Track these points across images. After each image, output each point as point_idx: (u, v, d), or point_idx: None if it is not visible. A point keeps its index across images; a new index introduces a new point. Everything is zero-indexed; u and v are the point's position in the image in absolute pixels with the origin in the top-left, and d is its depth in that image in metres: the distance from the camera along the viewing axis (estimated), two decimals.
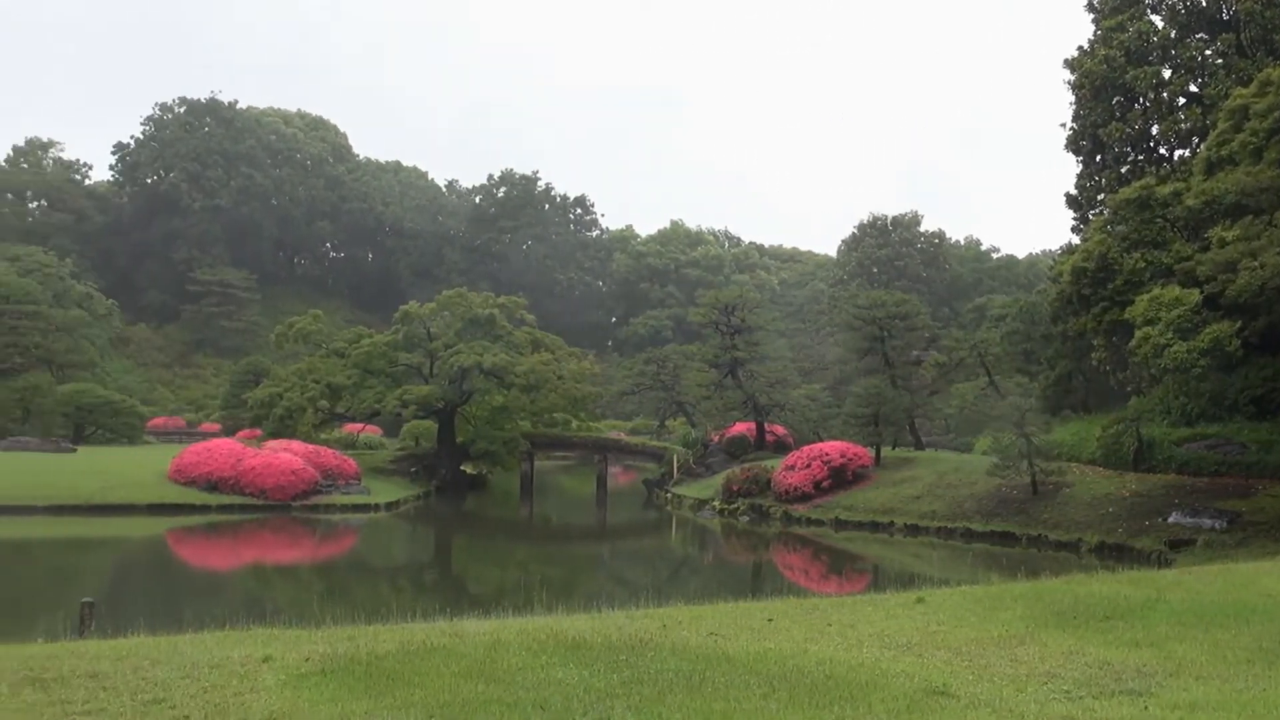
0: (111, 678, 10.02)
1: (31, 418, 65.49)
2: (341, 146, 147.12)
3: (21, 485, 43.44)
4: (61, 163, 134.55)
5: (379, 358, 59.42)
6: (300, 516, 44.35)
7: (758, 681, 9.74)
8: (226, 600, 25.37)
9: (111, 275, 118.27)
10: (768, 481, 47.02)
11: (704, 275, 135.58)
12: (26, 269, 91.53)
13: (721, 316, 61.35)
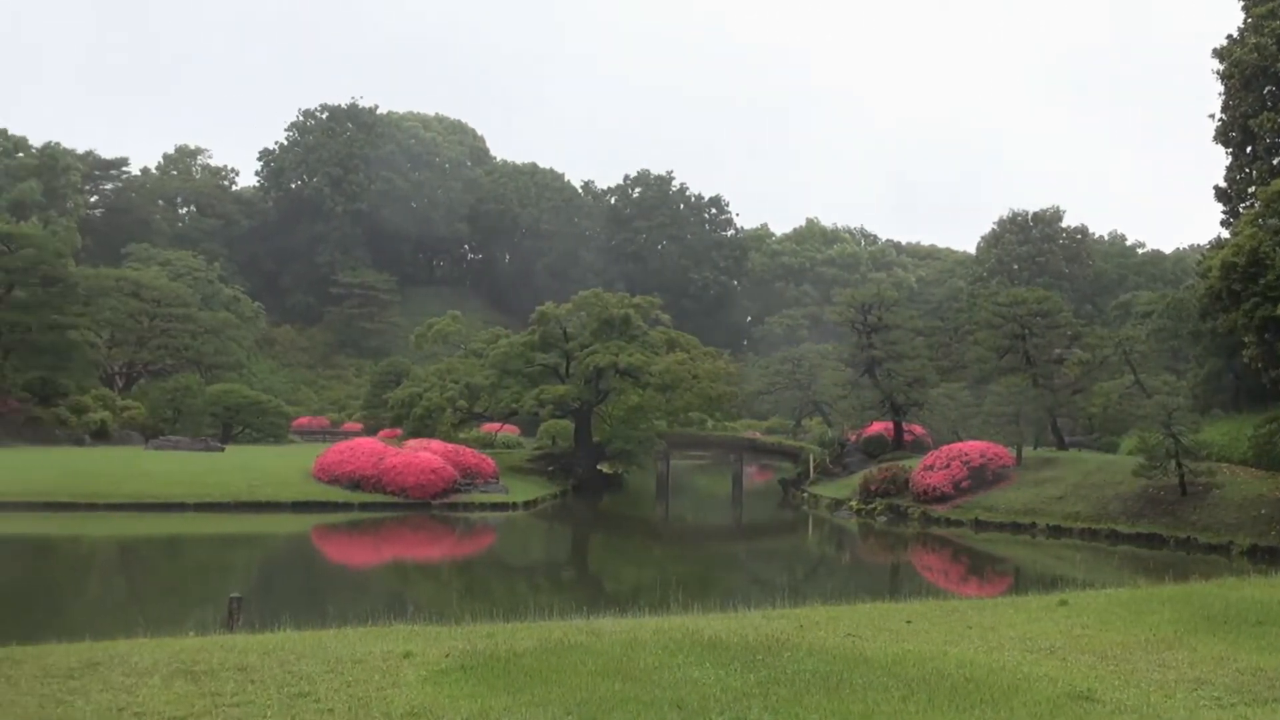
0: (259, 671, 10.24)
1: (182, 417, 67.26)
2: (479, 149, 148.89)
3: (173, 483, 44.65)
4: (210, 169, 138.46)
5: (516, 358, 59.96)
6: (440, 515, 44.93)
7: (896, 684, 9.61)
8: (369, 597, 25.81)
9: (257, 278, 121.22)
10: (906, 481, 46.49)
11: (840, 273, 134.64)
12: (177, 273, 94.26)
13: (858, 315, 60.78)
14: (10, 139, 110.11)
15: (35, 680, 9.84)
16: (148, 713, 8.57)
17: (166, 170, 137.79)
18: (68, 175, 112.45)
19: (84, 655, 11.41)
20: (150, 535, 39.72)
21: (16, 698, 9.08)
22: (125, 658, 11.11)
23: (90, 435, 63.11)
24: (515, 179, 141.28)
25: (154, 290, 78.18)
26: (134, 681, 9.75)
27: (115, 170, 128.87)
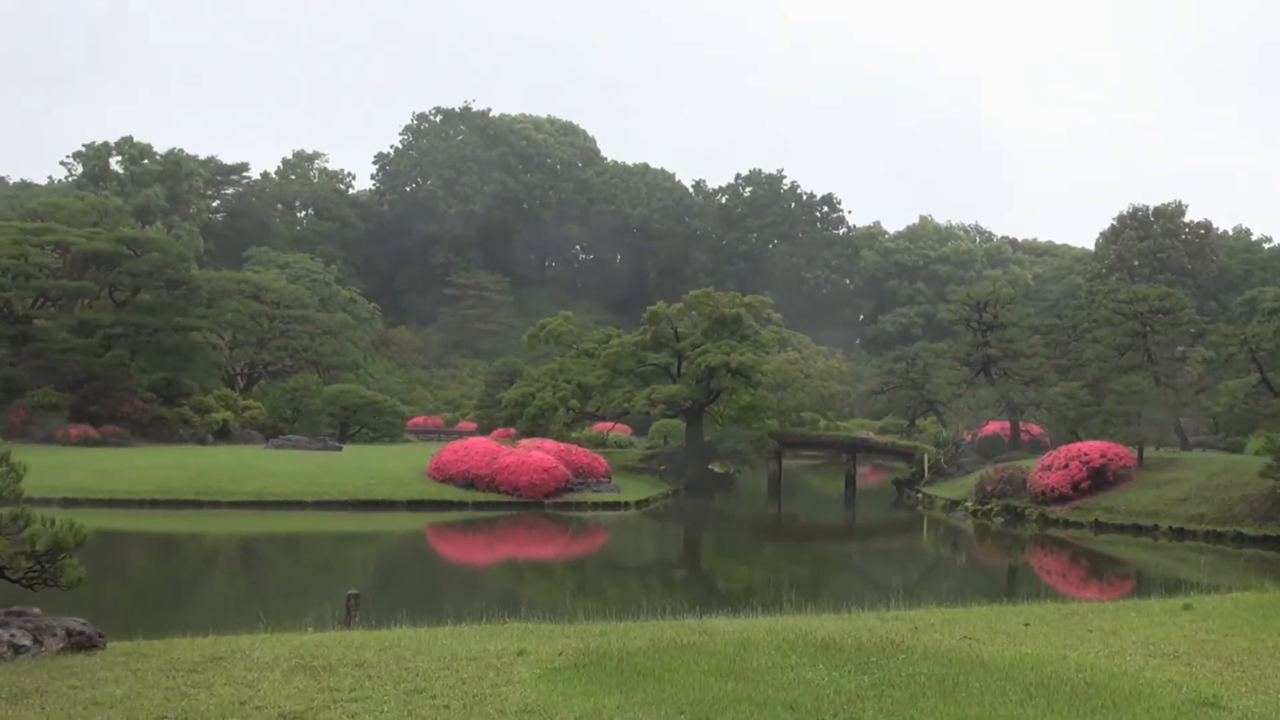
0: (375, 667, 10.39)
1: (301, 417, 68.40)
2: (590, 150, 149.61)
3: (292, 482, 45.46)
4: (327, 173, 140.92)
5: (628, 357, 60.15)
6: (552, 514, 45.20)
7: (1014, 688, 9.46)
8: (483, 594, 26.04)
9: (374, 280, 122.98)
10: (1023, 482, 45.78)
11: (954, 271, 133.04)
12: (296, 275, 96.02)
13: (973, 313, 60.02)
14: (136, 146, 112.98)
15: (161, 673, 10.08)
16: (268, 706, 8.73)
17: (285, 174, 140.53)
18: (191, 181, 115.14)
19: (207, 650, 11.66)
20: (270, 532, 40.49)
21: (143, 690, 9.31)
22: (247, 652, 11.34)
23: (213, 435, 64.52)
24: (626, 179, 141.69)
25: (274, 292, 79.68)
26: (255, 676, 9.94)
27: (236, 175, 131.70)
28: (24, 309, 66.11)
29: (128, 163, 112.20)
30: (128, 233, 71.66)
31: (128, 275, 67.50)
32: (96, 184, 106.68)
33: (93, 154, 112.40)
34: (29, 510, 12.11)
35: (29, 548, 11.88)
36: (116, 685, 9.49)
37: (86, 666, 10.43)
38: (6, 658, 10.88)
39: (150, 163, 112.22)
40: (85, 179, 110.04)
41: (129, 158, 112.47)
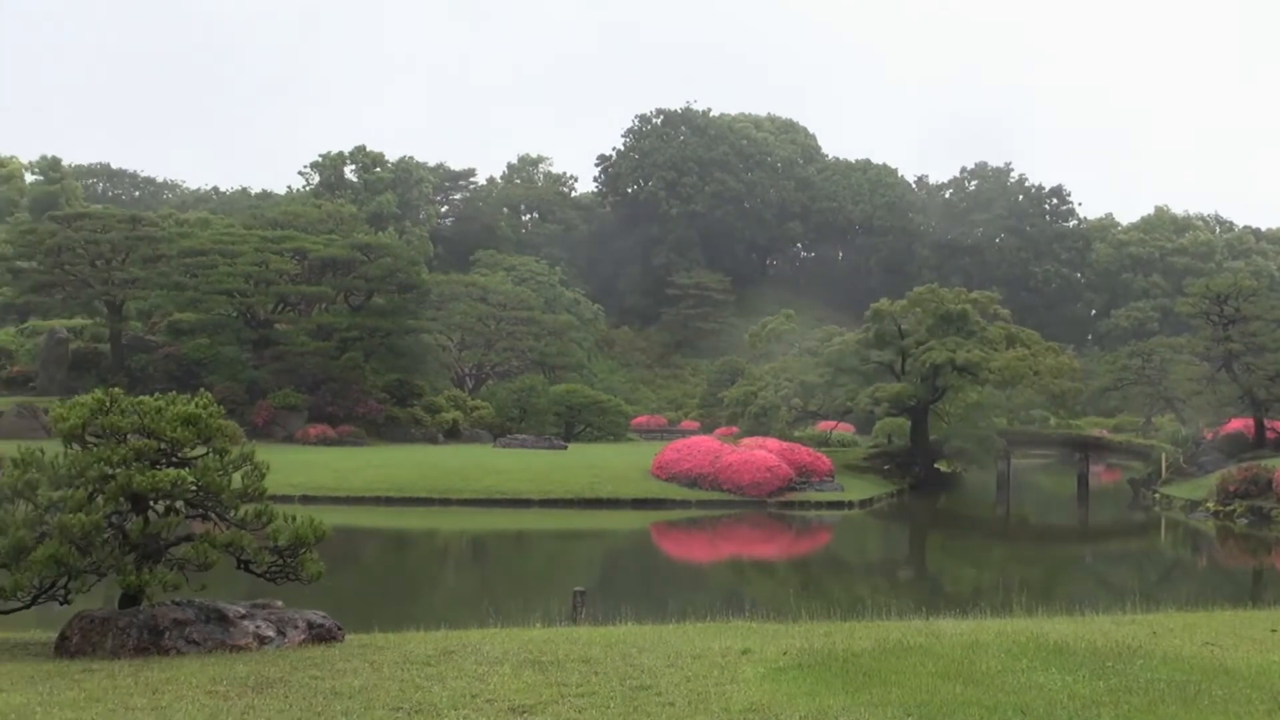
0: (602, 663, 10.49)
1: (527, 416, 69.72)
2: (811, 148, 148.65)
3: (519, 480, 46.31)
4: (550, 177, 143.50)
5: (851, 355, 59.54)
6: (775, 513, 45.02)
7: (1261, 697, 9.00)
8: (707, 592, 26.10)
9: (596, 281, 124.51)
10: (1269, 482, 43.64)
11: (1192, 263, 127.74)
12: (521, 277, 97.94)
13: (1213, 306, 57.52)
14: (369, 155, 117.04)
15: (396, 666, 10.37)
16: (498, 699, 8.89)
17: (510, 179, 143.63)
18: (420, 187, 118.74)
19: (440, 643, 11.95)
20: (499, 529, 41.36)
21: (379, 682, 9.59)
22: (477, 646, 11.58)
23: (443, 434, 66.25)
24: (847, 176, 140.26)
25: (500, 294, 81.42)
26: (485, 670, 10.14)
27: (464, 181, 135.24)
28: (266, 314, 68.96)
29: (361, 171, 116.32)
30: (362, 239, 74.15)
31: (362, 280, 69.77)
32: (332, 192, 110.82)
33: (328, 163, 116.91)
34: (272, 507, 12.60)
35: (272, 543, 12.37)
36: (354, 676, 9.81)
37: (326, 658, 10.80)
38: (252, 648, 11.35)
39: (382, 171, 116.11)
40: (322, 187, 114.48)
41: (362, 166, 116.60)
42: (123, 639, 11.27)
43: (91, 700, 8.84)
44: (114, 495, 11.85)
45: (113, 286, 65.53)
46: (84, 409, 12.38)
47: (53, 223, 69.62)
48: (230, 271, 64.31)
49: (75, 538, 11.37)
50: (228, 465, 12.47)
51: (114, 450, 12.04)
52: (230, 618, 11.62)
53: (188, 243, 67.09)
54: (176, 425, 12.26)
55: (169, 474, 11.90)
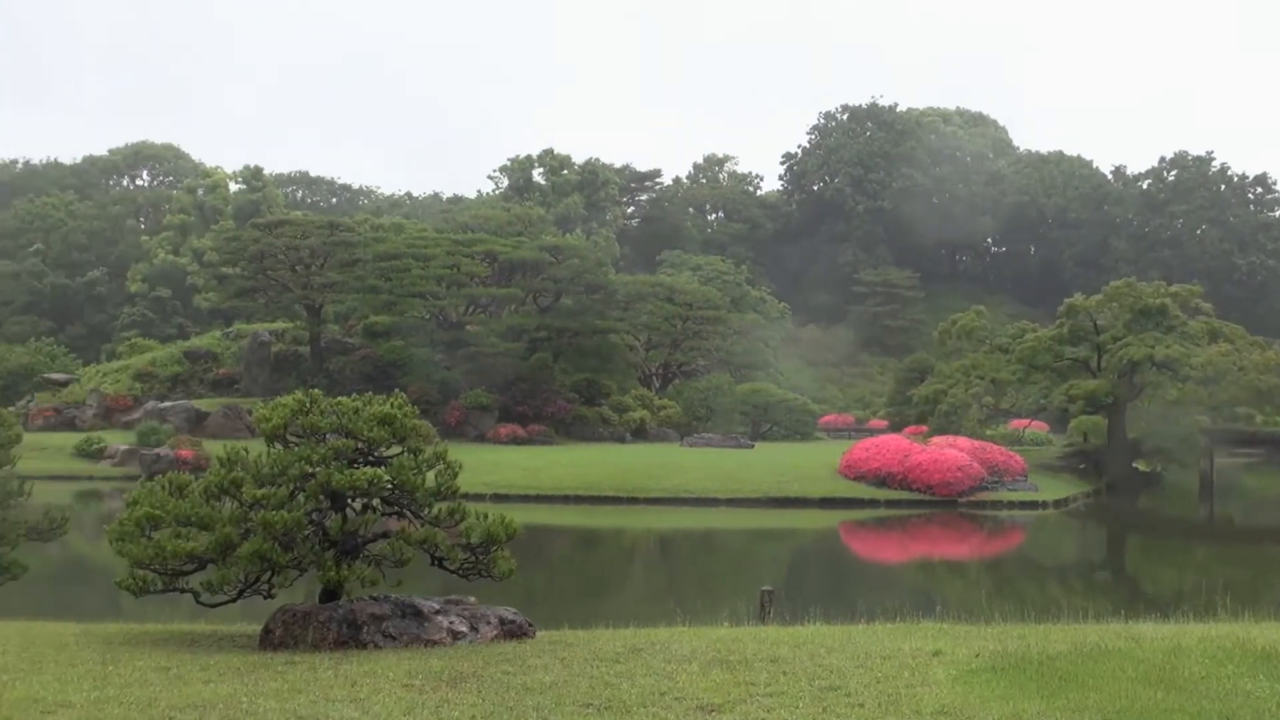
0: (790, 663, 10.43)
1: (714, 416, 69.77)
2: (1001, 141, 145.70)
3: (706, 479, 46.41)
4: (735, 176, 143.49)
5: (1044, 352, 58.14)
6: (966, 512, 44.25)
7: None
8: (896, 593, 25.77)
9: (782, 279, 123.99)
10: None
11: None
12: (707, 277, 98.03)
13: None
14: (556, 158, 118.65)
15: (586, 663, 10.48)
16: (686, 698, 8.91)
17: (696, 179, 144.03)
18: (607, 189, 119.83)
19: (628, 641, 12.04)
20: (686, 528, 41.52)
21: (569, 678, 9.70)
22: (666, 645, 11.63)
23: (630, 433, 66.71)
24: (1039, 169, 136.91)
25: (686, 294, 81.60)
26: (674, 668, 10.18)
27: (649, 182, 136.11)
28: (457, 315, 70.43)
29: (549, 174, 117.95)
30: (550, 240, 75.22)
31: (550, 281, 70.78)
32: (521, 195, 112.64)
33: (517, 167, 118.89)
34: (464, 505, 12.85)
35: (465, 540, 12.61)
36: (545, 672, 9.94)
37: (518, 653, 10.98)
38: (446, 643, 11.61)
39: (569, 173, 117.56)
40: (511, 191, 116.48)
41: (550, 169, 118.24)
42: (323, 632, 11.63)
43: (294, 691, 9.14)
44: (314, 493, 12.24)
45: (312, 290, 67.74)
46: (286, 410, 12.80)
47: (255, 230, 72.27)
48: (423, 274, 65.82)
49: (278, 534, 11.77)
50: (422, 464, 12.75)
51: (314, 449, 12.43)
52: (425, 613, 11.90)
53: (382, 247, 68.90)
54: (373, 425, 12.59)
55: (366, 472, 12.22)
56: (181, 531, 12.19)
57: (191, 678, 9.81)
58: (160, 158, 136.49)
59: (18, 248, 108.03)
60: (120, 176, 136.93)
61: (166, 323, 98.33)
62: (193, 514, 12.25)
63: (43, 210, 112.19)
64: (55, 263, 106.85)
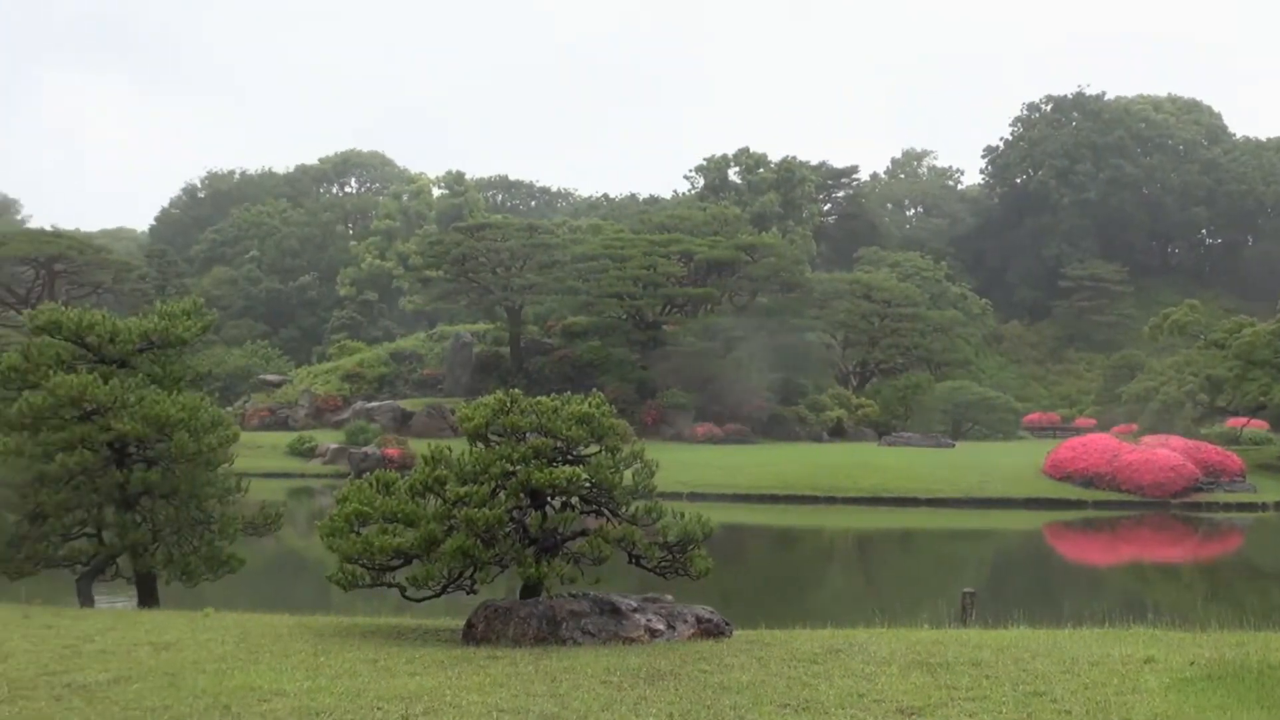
0: (993, 666, 10.21)
1: (913, 414, 68.90)
2: (1216, 128, 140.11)
3: (905, 478, 45.86)
4: (935, 170, 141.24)
5: (1263, 348, 55.73)
6: (1179, 514, 42.78)
7: None
8: (1104, 596, 24.99)
9: (983, 275, 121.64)
10: None
11: None
12: (905, 274, 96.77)
13: None
14: (752, 156, 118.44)
15: (783, 663, 10.42)
16: (886, 700, 8.80)
17: (894, 174, 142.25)
18: (803, 186, 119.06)
19: (826, 641, 11.93)
20: (884, 528, 41.07)
21: (766, 678, 9.66)
22: (864, 646, 11.50)
23: (827, 432, 66.26)
24: (1258, 155, 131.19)
25: (884, 291, 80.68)
26: (873, 669, 10.05)
27: (846, 178, 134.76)
28: (654, 315, 70.85)
29: (744, 172, 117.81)
30: (746, 239, 75.09)
31: (746, 280, 70.78)
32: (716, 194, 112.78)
33: (712, 166, 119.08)
34: (661, 504, 12.92)
35: (662, 539, 12.67)
36: (742, 671, 9.92)
37: (714, 652, 10.98)
38: (643, 641, 11.67)
39: (765, 171, 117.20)
40: (706, 190, 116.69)
41: (745, 168, 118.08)
42: (523, 628, 11.81)
43: (496, 685, 9.30)
44: (515, 491, 12.45)
45: (512, 292, 68.98)
46: (487, 409, 13.04)
47: (457, 233, 73.97)
48: (620, 275, 66.49)
49: (480, 531, 12.01)
50: (619, 463, 12.86)
51: (514, 448, 12.64)
52: (623, 610, 11.99)
53: (580, 249, 69.79)
54: (571, 424, 12.75)
55: (565, 471, 12.37)
56: (388, 528, 12.54)
57: (398, 670, 10.07)
58: (367, 165, 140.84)
59: (235, 254, 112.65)
60: (330, 184, 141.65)
61: (374, 325, 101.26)
62: (399, 511, 12.59)
63: (258, 218, 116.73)
64: (270, 268, 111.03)
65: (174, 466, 17.05)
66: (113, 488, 16.77)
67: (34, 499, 16.65)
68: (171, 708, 8.43)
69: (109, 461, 16.91)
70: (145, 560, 17.04)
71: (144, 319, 18.68)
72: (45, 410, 16.48)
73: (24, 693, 9.00)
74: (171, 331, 18.26)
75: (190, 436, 16.63)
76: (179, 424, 16.59)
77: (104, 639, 11.77)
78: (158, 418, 16.49)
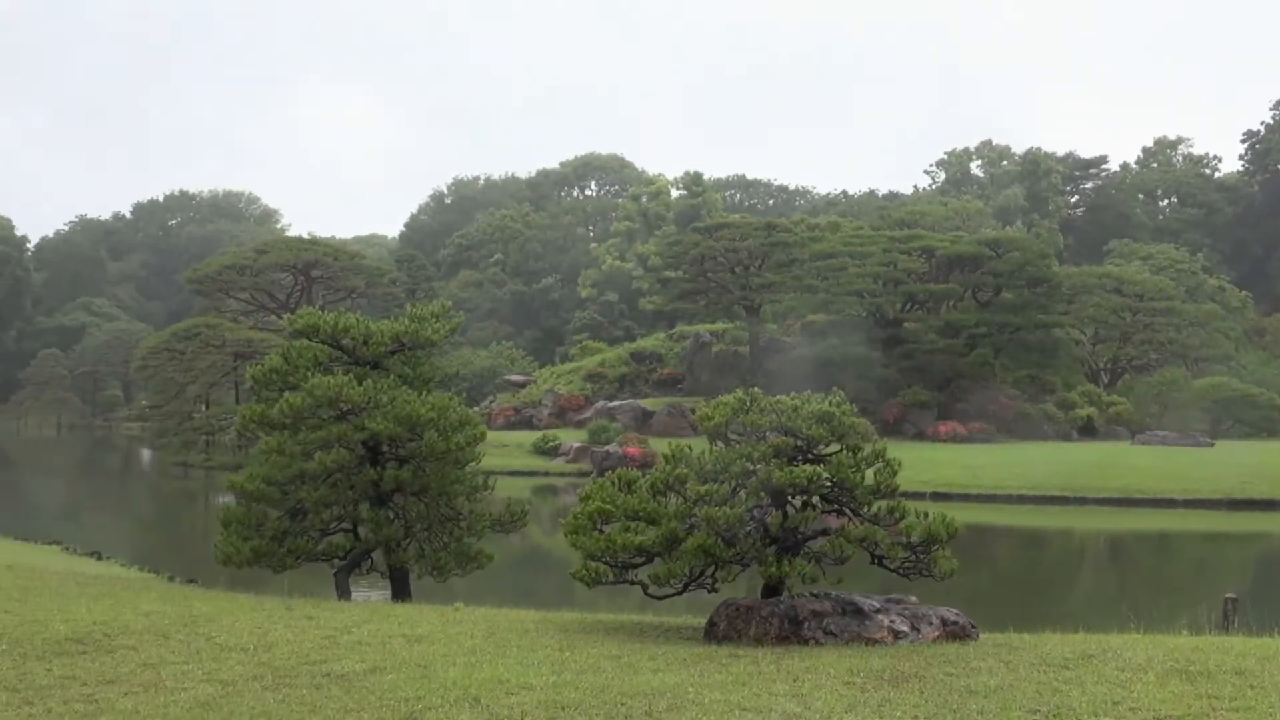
0: (1259, 677, 9.73)
1: (1168, 412, 66.46)
2: None
3: (1159, 478, 44.23)
4: (1190, 158, 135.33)
5: None
6: None
7: None
8: None
9: (1243, 266, 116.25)
10: None
11: None
12: (1159, 266, 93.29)
13: None
14: (995, 149, 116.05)
15: (1032, 667, 10.15)
16: (1142, 709, 8.49)
17: (1145, 163, 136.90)
18: (1049, 178, 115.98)
19: (1077, 646, 11.57)
20: (1137, 530, 39.70)
21: (1015, 683, 9.42)
22: (1118, 652, 11.11)
23: (1076, 430, 64.35)
24: None
25: (1136, 285, 77.93)
26: (1128, 676, 9.70)
27: (1094, 169, 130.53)
28: (894, 313, 70.13)
29: (987, 165, 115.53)
30: (989, 234, 73.75)
31: (990, 276, 69.43)
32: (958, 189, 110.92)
33: (954, 160, 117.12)
34: (903, 503, 12.75)
35: (905, 539, 12.50)
36: (989, 676, 9.70)
37: (960, 655, 10.76)
38: (887, 642, 11.53)
39: (1009, 164, 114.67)
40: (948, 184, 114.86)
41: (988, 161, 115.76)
42: (765, 627, 11.80)
43: (738, 684, 9.32)
44: (755, 490, 12.46)
45: (750, 291, 69.16)
46: (727, 408, 13.09)
47: (696, 234, 74.56)
48: (859, 273, 66.08)
49: (721, 530, 12.06)
50: (860, 462, 12.75)
51: (754, 447, 12.65)
52: (865, 611, 11.86)
53: (819, 246, 69.52)
54: (812, 423, 12.69)
55: (805, 470, 12.32)
56: (630, 526, 12.69)
57: (641, 666, 10.18)
58: (606, 168, 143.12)
59: (480, 258, 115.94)
60: (570, 187, 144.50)
61: (614, 325, 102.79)
62: (640, 509, 12.73)
63: (502, 222, 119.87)
64: (513, 271, 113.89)
65: (424, 465, 17.60)
66: (367, 485, 17.40)
67: (294, 496, 17.40)
68: (424, 698, 8.72)
69: (364, 460, 17.56)
70: (398, 555, 17.62)
71: (395, 322, 19.34)
72: (304, 410, 17.21)
73: (286, 680, 9.44)
74: (421, 334, 18.86)
75: (440, 435, 17.14)
76: (429, 423, 17.11)
77: (360, 630, 12.23)
78: (409, 417, 17.05)
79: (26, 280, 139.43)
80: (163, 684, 9.27)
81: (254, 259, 78.23)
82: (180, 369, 69.46)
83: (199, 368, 68.98)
